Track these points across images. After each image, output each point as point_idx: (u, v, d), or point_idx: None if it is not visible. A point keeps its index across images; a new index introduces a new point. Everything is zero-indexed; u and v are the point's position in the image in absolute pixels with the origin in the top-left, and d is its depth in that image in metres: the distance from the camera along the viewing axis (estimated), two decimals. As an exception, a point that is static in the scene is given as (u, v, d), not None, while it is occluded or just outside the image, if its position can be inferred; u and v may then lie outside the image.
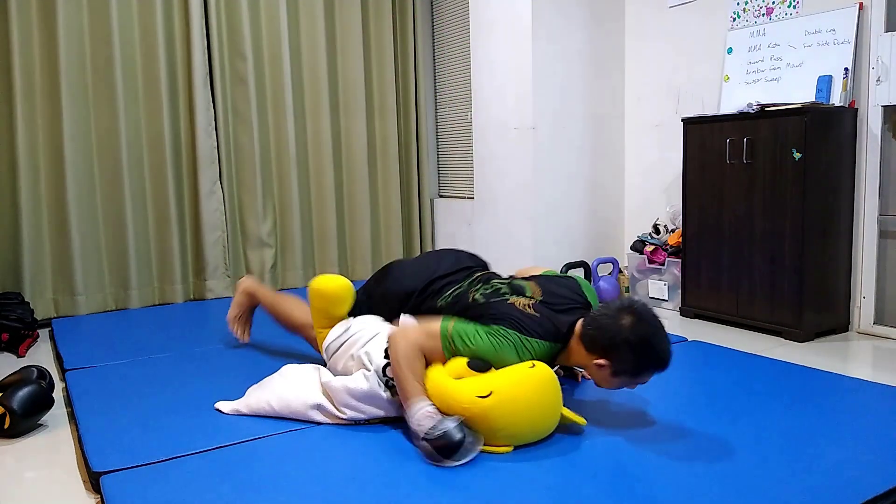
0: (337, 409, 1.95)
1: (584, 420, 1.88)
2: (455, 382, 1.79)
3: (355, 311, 2.32)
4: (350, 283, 2.34)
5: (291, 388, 2.04)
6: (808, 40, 3.10)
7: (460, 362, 1.86)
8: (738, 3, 3.40)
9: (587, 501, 1.47)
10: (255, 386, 2.17)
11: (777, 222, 2.93)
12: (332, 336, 2.20)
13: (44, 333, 3.42)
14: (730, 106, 3.38)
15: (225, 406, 2.08)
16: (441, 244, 4.79)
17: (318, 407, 1.97)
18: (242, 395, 2.14)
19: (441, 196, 4.89)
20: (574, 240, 3.99)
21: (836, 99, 2.96)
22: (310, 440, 1.84)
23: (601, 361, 1.83)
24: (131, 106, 3.75)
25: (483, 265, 2.36)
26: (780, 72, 3.21)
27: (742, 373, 2.32)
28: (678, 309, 3.47)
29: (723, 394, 2.11)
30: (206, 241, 3.95)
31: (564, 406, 1.87)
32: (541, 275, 2.16)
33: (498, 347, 1.86)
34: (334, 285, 2.29)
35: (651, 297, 3.64)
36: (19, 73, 3.43)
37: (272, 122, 4.19)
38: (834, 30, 3.00)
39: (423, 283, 2.22)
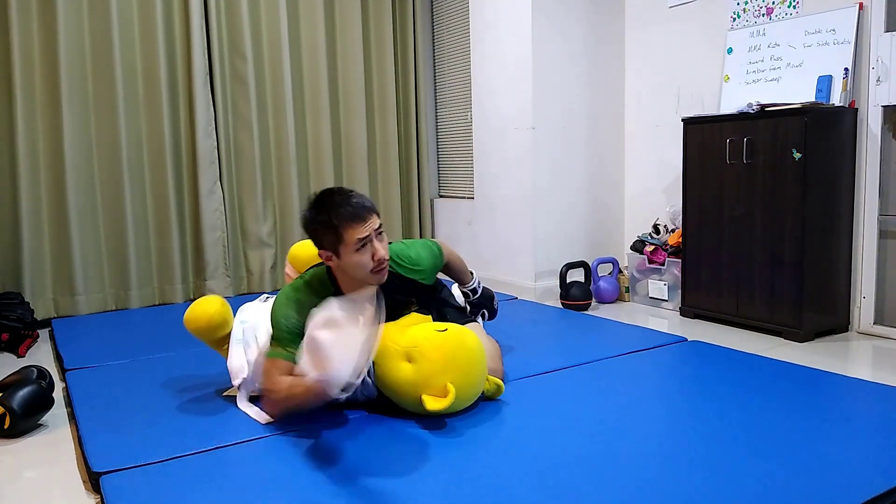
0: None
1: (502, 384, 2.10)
2: (416, 326, 2.03)
3: None
4: (220, 302, 2.18)
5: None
6: (808, 40, 3.10)
7: (405, 322, 2.08)
8: (738, 3, 3.40)
9: (584, 501, 1.47)
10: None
11: (777, 222, 2.93)
12: (235, 357, 2.12)
13: (44, 333, 3.42)
14: (730, 106, 3.38)
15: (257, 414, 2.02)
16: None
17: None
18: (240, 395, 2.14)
19: (441, 196, 4.89)
20: (574, 240, 3.99)
21: (836, 99, 2.96)
22: (310, 440, 1.84)
23: (323, 252, 1.92)
24: (131, 106, 3.75)
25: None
26: (780, 72, 3.21)
27: (742, 373, 2.32)
28: (678, 309, 3.47)
29: (722, 394, 2.11)
30: (206, 241, 3.95)
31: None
32: None
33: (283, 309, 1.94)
34: (205, 317, 2.15)
35: (651, 297, 3.64)
36: (19, 73, 3.43)
37: (272, 122, 4.19)
38: (834, 30, 3.00)
39: None
